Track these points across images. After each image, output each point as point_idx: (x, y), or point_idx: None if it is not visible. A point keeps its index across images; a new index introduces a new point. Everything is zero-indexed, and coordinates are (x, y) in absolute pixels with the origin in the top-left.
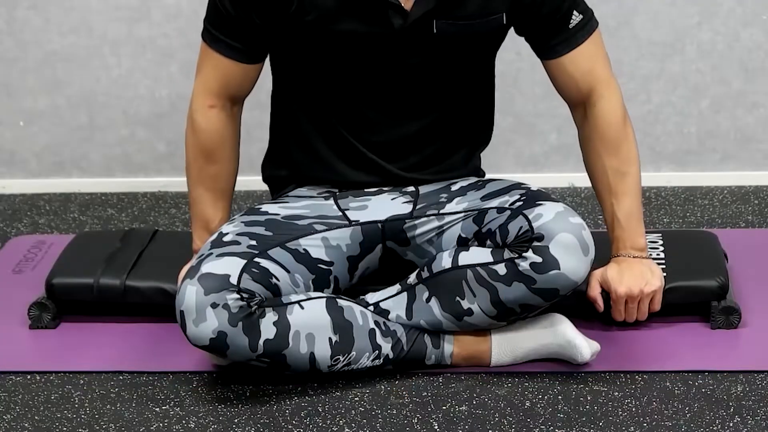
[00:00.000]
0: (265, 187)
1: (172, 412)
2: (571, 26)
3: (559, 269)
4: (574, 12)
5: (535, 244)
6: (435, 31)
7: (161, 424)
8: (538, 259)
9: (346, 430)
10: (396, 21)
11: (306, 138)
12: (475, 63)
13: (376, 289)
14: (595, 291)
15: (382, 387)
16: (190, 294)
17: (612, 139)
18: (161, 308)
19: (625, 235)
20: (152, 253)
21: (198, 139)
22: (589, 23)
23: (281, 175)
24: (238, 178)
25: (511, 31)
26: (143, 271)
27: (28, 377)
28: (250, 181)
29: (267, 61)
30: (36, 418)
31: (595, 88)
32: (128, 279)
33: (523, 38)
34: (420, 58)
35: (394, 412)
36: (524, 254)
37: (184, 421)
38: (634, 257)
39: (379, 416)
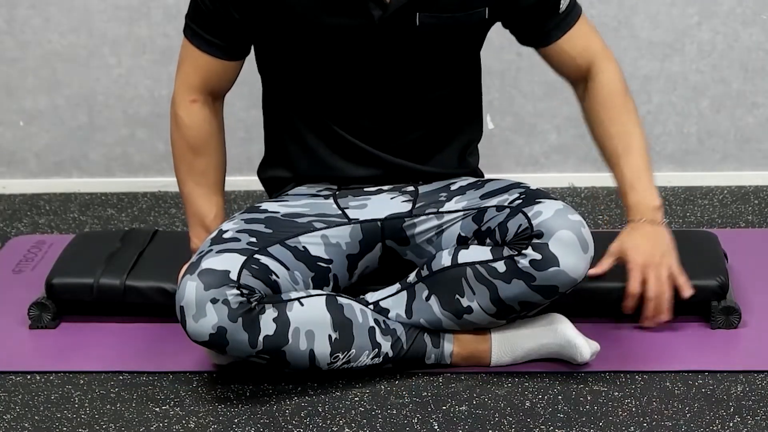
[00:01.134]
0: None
1: (172, 412)
2: (561, 11)
3: (559, 266)
4: None
5: (535, 241)
6: (418, 24)
7: (161, 424)
8: (538, 257)
9: (346, 430)
10: (375, 12)
11: (299, 136)
12: (458, 57)
13: (376, 288)
14: (606, 262)
15: (382, 387)
16: (190, 289)
17: (615, 108)
18: (161, 308)
19: (638, 197)
20: (152, 253)
21: (183, 135)
22: (576, 8)
23: (279, 176)
24: (239, 177)
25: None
26: (143, 271)
27: (28, 377)
28: (250, 181)
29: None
30: (36, 418)
31: (594, 61)
32: (128, 279)
33: (510, 30)
34: (403, 51)
35: (394, 412)
36: (524, 252)
37: (184, 421)
38: (649, 222)
39: (379, 416)
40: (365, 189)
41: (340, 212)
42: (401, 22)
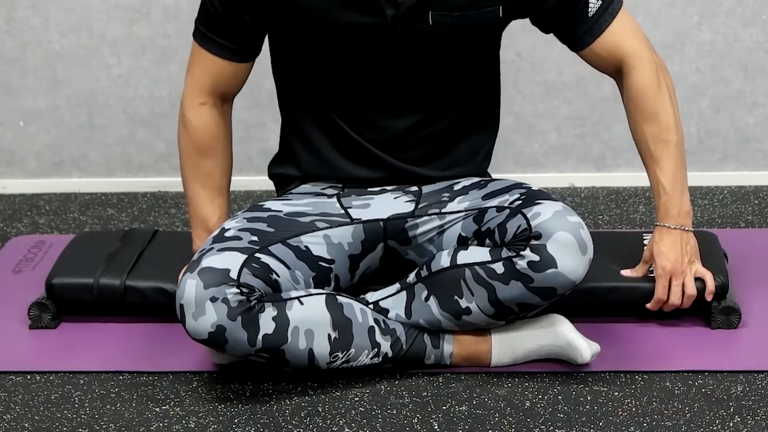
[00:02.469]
0: (265, 186)
1: (172, 412)
2: (591, 15)
3: (557, 268)
4: (591, 0)
5: (533, 242)
6: (431, 23)
7: (161, 424)
8: (536, 258)
9: (346, 430)
10: (389, 11)
11: (308, 136)
12: (472, 57)
13: (376, 288)
14: (642, 269)
15: (382, 387)
16: (189, 287)
17: (647, 109)
18: (161, 308)
19: (671, 202)
20: (152, 253)
21: (191, 137)
22: (611, 6)
23: (286, 173)
24: (239, 177)
25: (509, 30)
26: (143, 271)
27: (28, 377)
28: (250, 181)
29: (268, 61)
30: (36, 418)
31: (625, 60)
32: (128, 279)
33: (522, 38)
34: (417, 51)
35: (394, 412)
36: (522, 253)
37: (184, 421)
38: (680, 229)
39: (379, 416)
40: (369, 189)
41: (342, 212)
42: (414, 20)
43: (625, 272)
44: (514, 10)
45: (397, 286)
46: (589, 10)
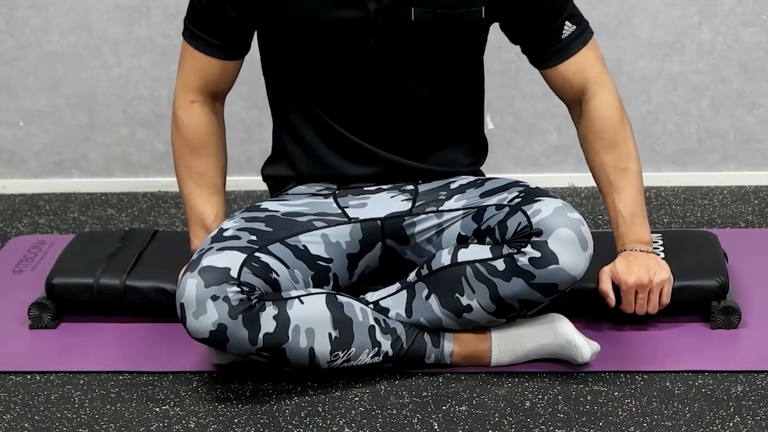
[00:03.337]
0: (265, 186)
1: (172, 412)
2: (563, 37)
3: (558, 264)
4: (567, 23)
5: (534, 239)
6: (413, 19)
7: (161, 424)
8: (537, 254)
9: (346, 430)
10: (371, 6)
11: (299, 134)
12: (455, 56)
13: (376, 288)
14: (606, 285)
15: (382, 387)
16: (190, 287)
17: (608, 136)
18: (161, 308)
19: (630, 231)
20: (152, 253)
21: (182, 135)
22: (583, 34)
23: (279, 174)
24: (239, 177)
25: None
26: (143, 271)
27: (28, 377)
28: (250, 181)
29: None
30: (36, 418)
31: (588, 86)
32: (128, 279)
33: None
34: (399, 46)
35: (394, 412)
36: (523, 250)
37: (184, 421)
38: (640, 251)
39: (379, 416)
40: (365, 188)
41: (339, 211)
42: (396, 16)
43: (610, 302)
44: (495, 12)
45: (397, 285)
46: (563, 32)
